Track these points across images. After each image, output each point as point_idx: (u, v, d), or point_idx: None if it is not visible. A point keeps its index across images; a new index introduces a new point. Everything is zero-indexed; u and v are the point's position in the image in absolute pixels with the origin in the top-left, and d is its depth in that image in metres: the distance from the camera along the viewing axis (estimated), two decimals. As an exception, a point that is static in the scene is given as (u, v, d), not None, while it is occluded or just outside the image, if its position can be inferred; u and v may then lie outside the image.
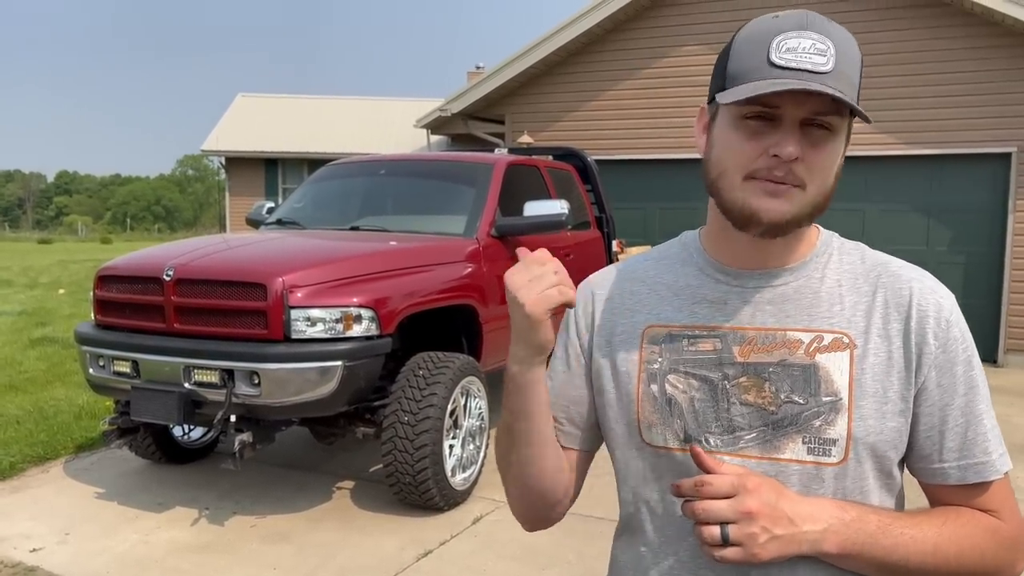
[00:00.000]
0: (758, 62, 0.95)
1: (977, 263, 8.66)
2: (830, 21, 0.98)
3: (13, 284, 15.20)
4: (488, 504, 4.39)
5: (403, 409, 4.09)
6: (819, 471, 1.00)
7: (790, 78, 0.92)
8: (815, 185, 0.98)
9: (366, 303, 4.06)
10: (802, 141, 0.96)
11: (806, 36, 0.95)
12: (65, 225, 77.86)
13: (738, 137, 0.98)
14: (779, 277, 1.06)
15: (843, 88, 0.93)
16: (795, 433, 1.01)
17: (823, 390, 1.00)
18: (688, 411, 1.06)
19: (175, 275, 4.08)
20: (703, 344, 1.06)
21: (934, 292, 1.04)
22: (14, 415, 5.87)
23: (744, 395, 1.03)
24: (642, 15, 9.87)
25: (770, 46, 0.95)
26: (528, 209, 5.23)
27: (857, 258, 1.09)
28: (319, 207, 5.78)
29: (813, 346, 1.02)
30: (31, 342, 8.96)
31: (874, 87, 8.78)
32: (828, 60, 0.93)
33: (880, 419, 1.00)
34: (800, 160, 0.96)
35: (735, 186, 0.99)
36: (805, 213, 0.99)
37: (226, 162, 19.36)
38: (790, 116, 0.95)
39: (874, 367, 1.01)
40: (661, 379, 1.08)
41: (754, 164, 0.97)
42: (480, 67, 17.25)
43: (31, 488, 4.71)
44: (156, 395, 4.02)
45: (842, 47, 0.95)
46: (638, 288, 1.15)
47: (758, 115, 0.96)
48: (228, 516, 4.25)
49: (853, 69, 0.96)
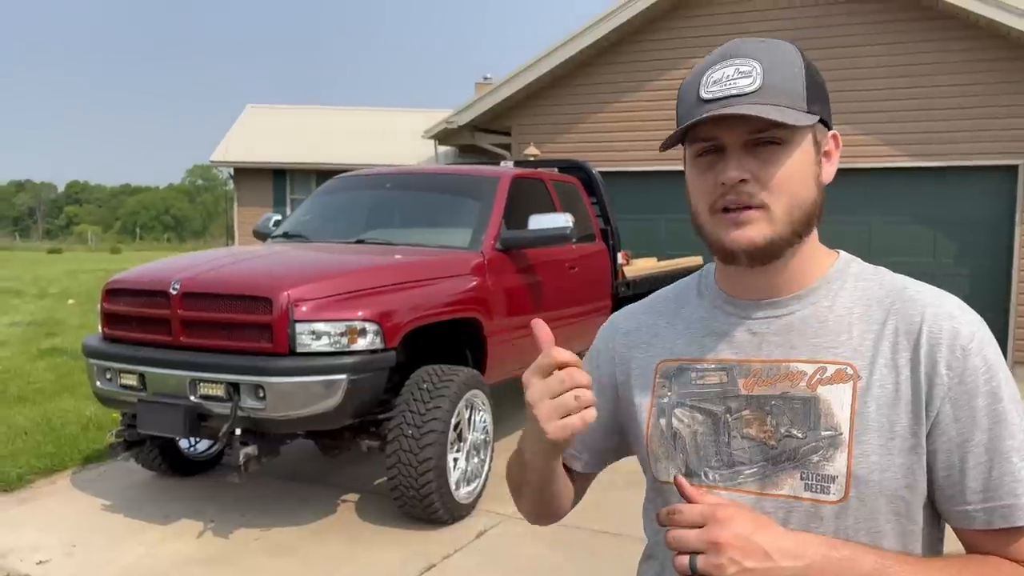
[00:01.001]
0: (692, 101, 0.99)
1: (984, 275, 8.64)
2: (762, 42, 1.00)
3: (23, 294, 15.30)
4: (492, 518, 4.40)
5: (407, 422, 4.10)
6: (817, 509, 0.96)
7: (716, 107, 0.95)
8: (780, 201, 0.97)
9: (371, 317, 4.08)
10: (750, 162, 0.97)
11: (729, 64, 0.98)
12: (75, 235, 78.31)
13: (695, 174, 1.02)
14: (786, 306, 1.04)
15: (775, 101, 0.95)
16: (793, 469, 0.98)
17: (823, 424, 0.97)
18: (690, 445, 1.05)
19: (181, 289, 4.11)
20: (710, 377, 1.05)
21: (951, 318, 0.97)
22: (22, 426, 5.90)
23: (746, 428, 1.01)
24: (649, 27, 9.92)
25: (700, 83, 0.99)
26: (533, 222, 5.25)
27: (875, 284, 1.04)
28: (325, 220, 5.81)
29: (815, 378, 0.98)
30: (40, 353, 9.02)
31: (880, 99, 8.79)
32: (754, 80, 0.96)
33: (885, 455, 0.95)
34: (751, 180, 0.96)
35: (706, 222, 1.01)
36: (782, 232, 0.98)
37: (235, 173, 19.48)
38: (731, 142, 0.97)
39: (879, 400, 0.96)
40: (669, 413, 1.08)
41: (711, 196, 0.99)
42: (488, 78, 17.32)
43: (38, 500, 4.74)
44: (162, 408, 4.05)
45: (771, 64, 0.97)
46: (656, 322, 1.17)
47: (706, 150, 1.00)
48: (233, 529, 4.27)
49: (789, 79, 0.97)
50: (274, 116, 21.16)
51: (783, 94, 0.96)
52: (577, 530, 4.17)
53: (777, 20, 9.20)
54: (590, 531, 4.14)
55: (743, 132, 0.96)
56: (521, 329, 5.31)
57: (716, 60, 1.00)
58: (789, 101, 0.95)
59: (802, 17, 9.11)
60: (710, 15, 9.58)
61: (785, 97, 0.95)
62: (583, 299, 6.08)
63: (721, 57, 1.00)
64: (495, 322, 4.94)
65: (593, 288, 6.33)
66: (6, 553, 3.98)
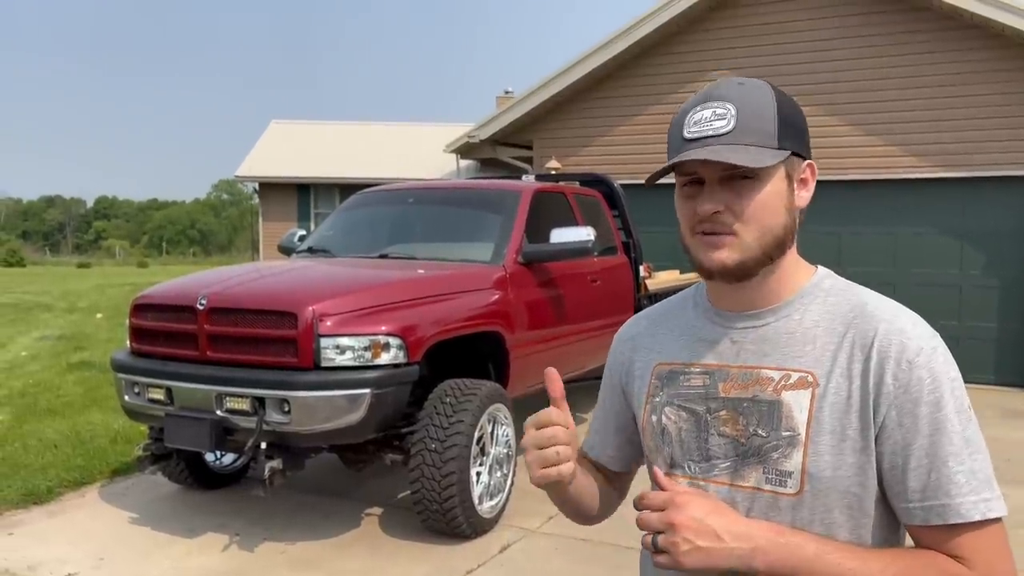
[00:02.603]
0: (678, 139, 1.12)
1: (1011, 287, 8.51)
2: (740, 83, 1.12)
3: (53, 308, 15.53)
4: (516, 532, 4.39)
5: (430, 436, 4.12)
6: (776, 500, 1.08)
7: (695, 147, 1.07)
8: (750, 229, 1.08)
9: (394, 331, 4.11)
10: (726, 194, 1.08)
11: (707, 107, 1.10)
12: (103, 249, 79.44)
13: (681, 202, 1.14)
14: (762, 318, 1.15)
15: (746, 141, 1.06)
16: (757, 464, 1.10)
17: (783, 425, 1.08)
18: (676, 440, 1.18)
19: (208, 304, 4.16)
20: (695, 380, 1.18)
21: (902, 332, 1.07)
22: (52, 439, 5.99)
23: (723, 427, 1.14)
24: (669, 41, 9.92)
25: (683, 123, 1.11)
26: (555, 236, 5.26)
27: (843, 299, 1.14)
28: (349, 235, 5.87)
29: (781, 383, 1.10)
30: (69, 366, 9.15)
31: (905, 110, 8.72)
32: (728, 122, 1.07)
33: (837, 455, 1.05)
34: (725, 211, 1.08)
35: (689, 243, 1.14)
36: (752, 255, 1.09)
37: (259, 187, 19.69)
38: (709, 177, 1.09)
39: (833, 405, 1.06)
40: (660, 411, 1.21)
41: (692, 221, 1.12)
42: (508, 92, 17.40)
43: (67, 512, 4.80)
44: (189, 422, 4.10)
45: (745, 105, 1.08)
46: (659, 329, 1.29)
47: (690, 181, 1.12)
48: (258, 543, 4.30)
49: (761, 118, 1.08)
50: (298, 131, 21.39)
51: (754, 134, 1.07)
52: (601, 545, 4.16)
53: (798, 32, 9.18)
54: (614, 546, 4.12)
55: (718, 168, 1.07)
56: (544, 343, 5.32)
57: (698, 101, 1.11)
58: (759, 140, 1.07)
59: (824, 28, 9.08)
60: (731, 27, 9.58)
61: (756, 136, 1.07)
62: (605, 312, 6.07)
63: (702, 99, 1.11)
64: (517, 336, 4.95)
65: (615, 301, 6.32)
66: (36, 566, 4.03)
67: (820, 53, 9.00)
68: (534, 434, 1.12)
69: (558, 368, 1.22)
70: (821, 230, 9.06)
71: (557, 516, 4.56)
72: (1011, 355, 8.52)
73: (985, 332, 8.57)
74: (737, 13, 9.54)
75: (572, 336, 5.64)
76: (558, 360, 5.51)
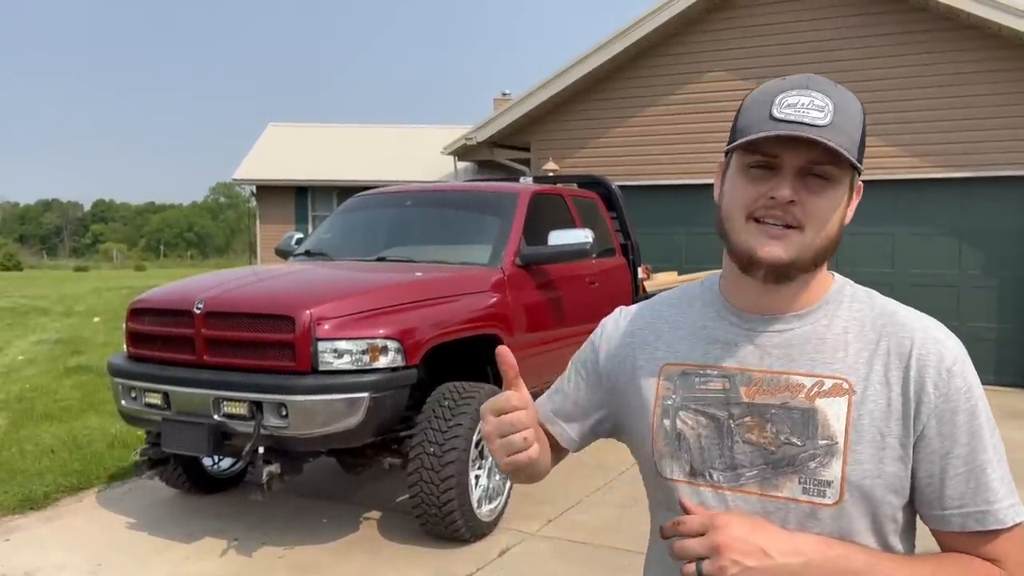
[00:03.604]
0: (762, 116, 1.04)
1: (1010, 287, 8.51)
2: (835, 85, 1.07)
3: (50, 312, 15.49)
4: (515, 536, 4.37)
5: (429, 440, 4.10)
6: (814, 511, 1.04)
7: (787, 128, 1.01)
8: (813, 229, 1.04)
9: (392, 335, 4.09)
10: (799, 187, 1.03)
11: (806, 94, 1.04)
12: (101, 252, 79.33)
13: (742, 182, 1.07)
14: (788, 322, 1.11)
15: (839, 141, 1.00)
16: (792, 473, 1.06)
17: (820, 433, 1.05)
18: (695, 446, 1.12)
19: (205, 308, 4.14)
20: (713, 383, 1.12)
21: (938, 342, 1.06)
22: (49, 444, 5.97)
23: (747, 434, 1.09)
24: (666, 42, 9.92)
25: (773, 103, 1.04)
26: (553, 238, 5.25)
27: (867, 306, 1.12)
28: (346, 238, 5.85)
29: (814, 390, 1.06)
30: (66, 371, 9.12)
31: (904, 111, 8.72)
32: (826, 116, 1.01)
33: (877, 463, 1.03)
34: (796, 204, 1.03)
35: (739, 228, 1.07)
36: (806, 257, 1.05)
37: (257, 190, 19.68)
38: (788, 164, 1.03)
39: (872, 413, 1.04)
40: (673, 414, 1.15)
41: (754, 206, 1.05)
42: (506, 94, 17.41)
43: (64, 518, 4.78)
44: (186, 427, 4.08)
45: (842, 106, 1.03)
46: (660, 325, 1.23)
47: (760, 164, 1.05)
48: (256, 547, 4.28)
49: (852, 126, 1.04)
50: (295, 134, 21.37)
51: (845, 136, 1.02)
52: (600, 548, 4.14)
53: (796, 33, 9.18)
54: (613, 549, 4.11)
55: (802, 158, 1.02)
56: (542, 345, 5.30)
57: (793, 86, 1.05)
58: (848, 144, 1.02)
59: (822, 29, 9.08)
60: (728, 28, 9.58)
61: (846, 140, 1.02)
62: (604, 314, 6.00)
63: (799, 85, 1.05)
64: (516, 338, 4.93)
65: (614, 303, 6.18)
66: (33, 572, 4.01)
67: (818, 54, 8.99)
68: (495, 421, 1.08)
69: (556, 370, 1.19)
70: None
71: (556, 519, 4.55)
72: (1010, 355, 8.52)
73: (984, 332, 8.56)
74: (735, 14, 9.54)
75: (570, 338, 5.62)
76: (556, 362, 5.48)
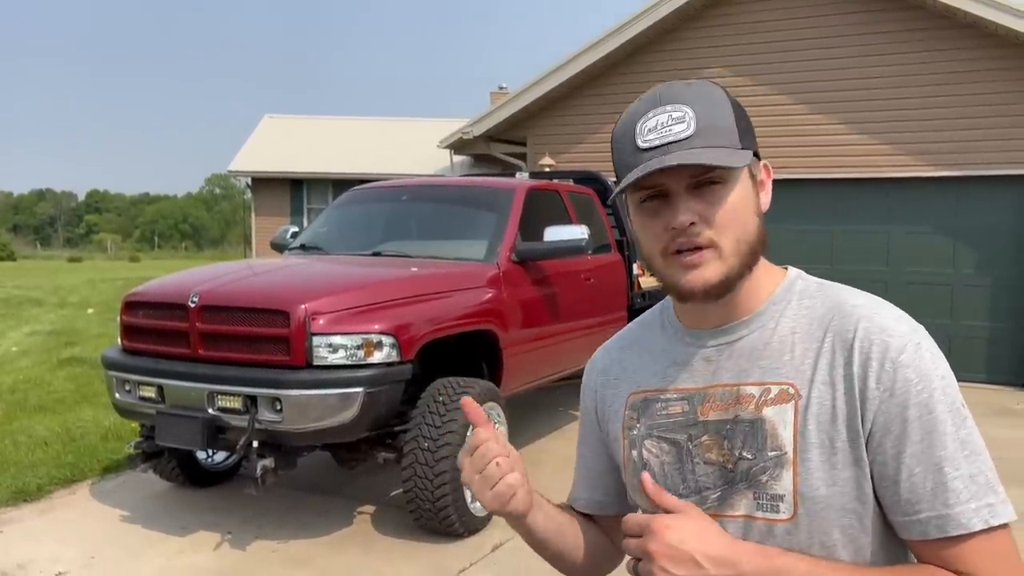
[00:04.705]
0: (630, 151, 1.01)
1: (1004, 286, 8.54)
2: (687, 84, 1.02)
3: (43, 303, 15.43)
4: (508, 531, 4.36)
5: (423, 435, 4.11)
6: (770, 528, 1.00)
7: (656, 155, 0.97)
8: (729, 238, 0.99)
9: (387, 330, 4.09)
10: (696, 203, 0.99)
11: (661, 111, 0.99)
12: (95, 243, 78.99)
13: (643, 221, 1.04)
14: (735, 332, 1.06)
15: (712, 143, 0.97)
16: (746, 489, 1.01)
17: (769, 444, 0.99)
18: (659, 474, 1.08)
19: (200, 302, 4.14)
20: (673, 407, 1.09)
21: (883, 331, 0.97)
22: (42, 436, 5.96)
23: (707, 454, 1.05)
24: (663, 38, 9.91)
25: (635, 132, 1.00)
26: (548, 234, 5.25)
27: (818, 301, 1.05)
28: (342, 232, 5.84)
29: (761, 399, 1.01)
30: (60, 362, 9.09)
31: (898, 108, 8.74)
32: (688, 125, 0.98)
33: (829, 470, 0.97)
34: (699, 222, 0.98)
35: (660, 266, 1.04)
36: (734, 268, 1.00)
37: (252, 182, 19.62)
38: (674, 187, 0.99)
39: (818, 417, 0.98)
40: (640, 444, 1.12)
41: (662, 241, 1.01)
42: (503, 87, 17.37)
43: (57, 510, 4.78)
44: (181, 420, 4.08)
45: (702, 105, 0.99)
46: (627, 356, 1.21)
47: (650, 195, 1.01)
48: (250, 541, 4.28)
49: (720, 120, 0.99)
50: (291, 126, 21.31)
51: (716, 135, 0.98)
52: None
53: (792, 30, 9.18)
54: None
55: (685, 176, 0.98)
56: (537, 341, 5.31)
57: (647, 107, 1.01)
58: (724, 140, 0.98)
59: (818, 27, 9.08)
60: (724, 25, 9.57)
61: (720, 137, 0.98)
62: (599, 310, 6.07)
63: (651, 104, 1.01)
64: (511, 334, 4.94)
65: (609, 299, 6.32)
66: (26, 564, 4.01)
67: (814, 51, 9.00)
68: (469, 460, 1.05)
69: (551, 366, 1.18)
70: (814, 228, 9.09)
71: (550, 515, 4.55)
72: (1003, 354, 8.55)
73: (977, 331, 8.60)
74: (731, 11, 9.53)
75: (566, 334, 5.63)
76: (551, 358, 5.51)
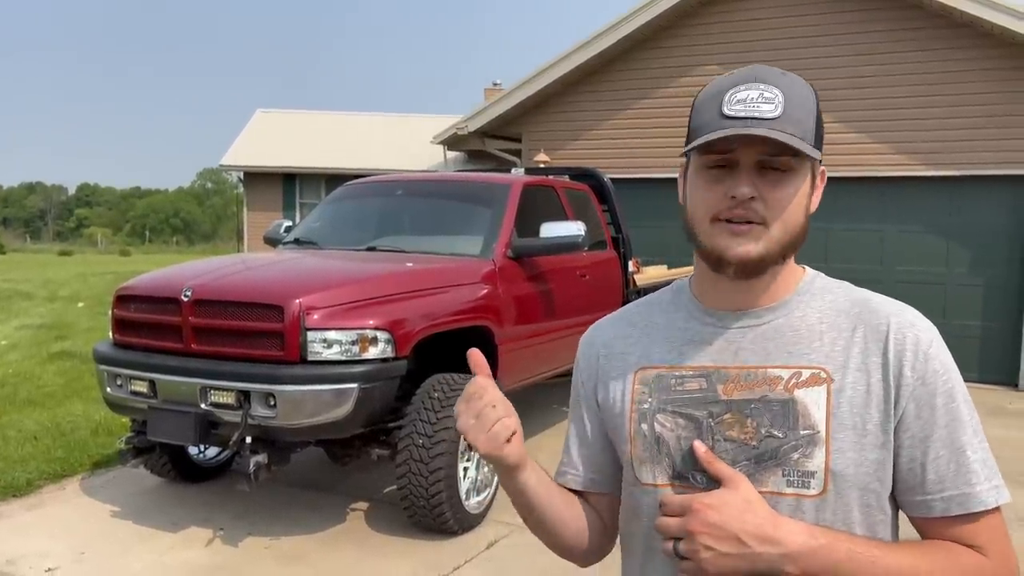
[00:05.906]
0: (713, 115, 1.04)
1: (997, 286, 8.57)
2: (783, 73, 1.07)
3: (33, 297, 15.33)
4: (503, 528, 4.36)
5: (418, 431, 4.08)
6: (799, 503, 1.04)
7: (738, 126, 1.01)
8: (778, 222, 1.04)
9: (382, 325, 4.06)
10: (759, 182, 1.03)
11: (754, 87, 1.04)
12: (85, 237, 78.62)
13: (702, 184, 1.07)
14: (760, 317, 1.11)
15: (792, 131, 1.01)
16: (775, 466, 1.05)
17: (801, 423, 1.04)
18: (675, 449, 1.10)
19: (193, 296, 4.10)
20: (689, 384, 1.11)
21: (913, 326, 1.06)
22: (32, 431, 5.91)
23: (728, 431, 1.08)
24: (658, 35, 9.90)
25: (723, 100, 1.04)
26: (544, 230, 5.23)
27: (841, 296, 1.12)
28: (336, 227, 5.80)
29: (792, 382, 1.06)
30: (50, 356, 9.03)
31: (892, 107, 8.75)
32: (776, 107, 1.02)
33: (859, 451, 1.03)
34: (758, 199, 1.03)
35: (705, 230, 1.07)
36: (773, 251, 1.05)
37: (244, 176, 19.51)
38: (744, 160, 1.03)
39: (852, 400, 1.04)
40: (651, 418, 1.13)
41: (717, 207, 1.05)
42: (497, 83, 17.34)
43: (47, 505, 4.73)
44: (173, 415, 4.04)
45: (791, 95, 1.03)
46: (631, 332, 1.22)
47: (717, 163, 1.05)
48: (242, 537, 4.25)
49: (804, 113, 1.04)
50: (284, 120, 21.20)
51: (798, 126, 1.02)
52: (588, 541, 4.14)
53: (788, 28, 9.18)
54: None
55: (757, 153, 1.02)
56: (532, 337, 5.29)
57: (740, 80, 1.05)
58: (802, 133, 1.02)
59: (815, 25, 9.08)
60: (720, 23, 9.56)
61: (800, 129, 1.02)
62: (594, 307, 6.04)
63: (745, 79, 1.05)
64: (506, 330, 4.92)
65: (604, 296, 6.30)
66: (15, 559, 3.97)
67: (810, 49, 9.00)
68: (465, 405, 1.08)
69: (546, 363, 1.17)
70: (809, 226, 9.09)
71: (544, 512, 4.54)
72: (996, 353, 8.58)
73: (970, 330, 8.62)
74: (727, 8, 9.52)
75: (561, 331, 5.61)
76: (547, 355, 5.48)
